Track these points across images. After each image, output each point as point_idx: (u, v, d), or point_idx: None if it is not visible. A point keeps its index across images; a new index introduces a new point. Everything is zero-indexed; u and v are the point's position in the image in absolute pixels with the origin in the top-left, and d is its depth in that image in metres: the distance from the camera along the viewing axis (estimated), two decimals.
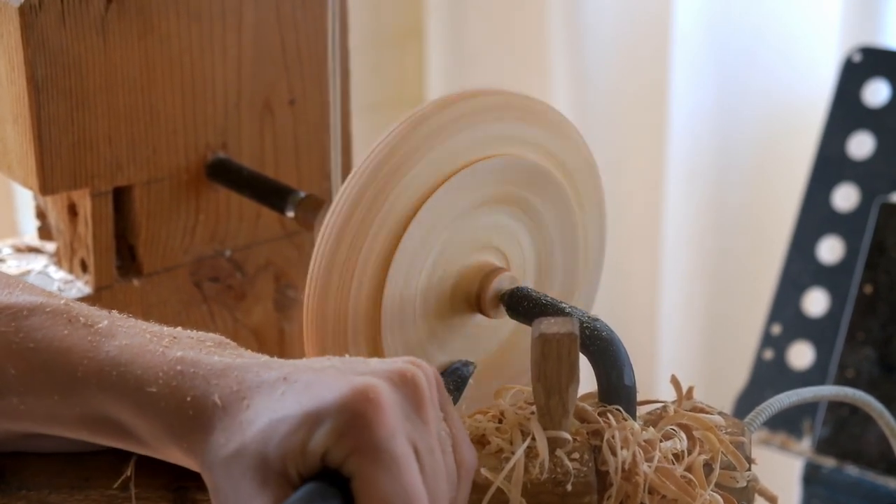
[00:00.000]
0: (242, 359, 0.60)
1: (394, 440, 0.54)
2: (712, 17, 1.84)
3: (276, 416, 0.55)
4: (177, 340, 0.61)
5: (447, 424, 0.60)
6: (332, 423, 0.54)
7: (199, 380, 0.58)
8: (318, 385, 0.56)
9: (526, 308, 0.74)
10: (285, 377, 0.57)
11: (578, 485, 0.64)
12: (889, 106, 1.44)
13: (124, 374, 0.59)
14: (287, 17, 1.02)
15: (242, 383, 0.58)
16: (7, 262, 1.02)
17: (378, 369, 0.57)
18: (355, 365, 0.58)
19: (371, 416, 0.54)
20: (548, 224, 0.80)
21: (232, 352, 0.61)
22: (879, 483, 1.30)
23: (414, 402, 0.57)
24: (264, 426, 0.55)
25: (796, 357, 1.45)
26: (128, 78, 0.93)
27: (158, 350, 0.60)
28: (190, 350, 0.60)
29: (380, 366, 0.58)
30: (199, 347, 0.61)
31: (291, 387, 0.57)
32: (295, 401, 0.55)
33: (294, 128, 1.04)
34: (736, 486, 0.68)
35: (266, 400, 0.56)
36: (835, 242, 1.45)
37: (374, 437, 0.54)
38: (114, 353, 0.60)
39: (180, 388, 0.58)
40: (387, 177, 0.70)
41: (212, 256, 1.03)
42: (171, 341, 0.61)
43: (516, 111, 0.75)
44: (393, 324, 0.73)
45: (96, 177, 0.94)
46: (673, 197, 1.92)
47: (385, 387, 0.56)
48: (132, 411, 0.59)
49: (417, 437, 0.56)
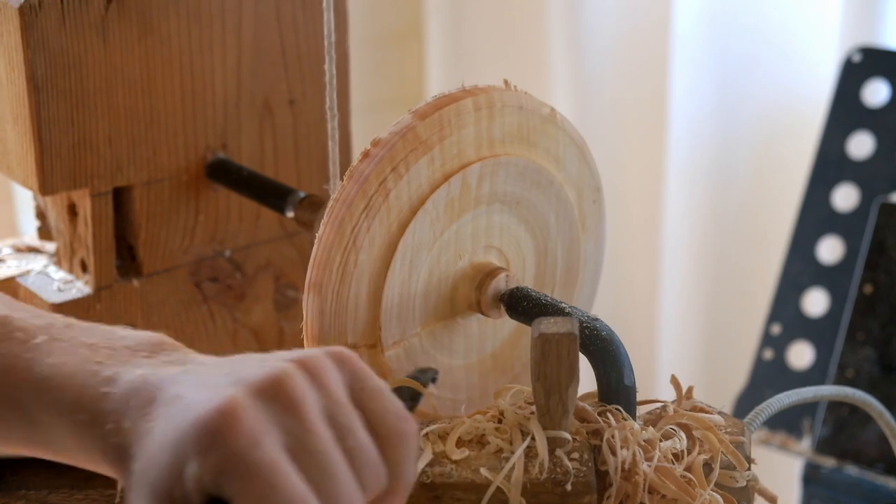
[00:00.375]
0: (165, 368, 0.59)
1: (256, 450, 0.52)
2: (712, 17, 1.84)
3: (161, 444, 0.54)
4: (112, 353, 0.60)
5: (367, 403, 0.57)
6: (195, 449, 0.52)
7: (118, 402, 0.57)
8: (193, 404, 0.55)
9: (526, 308, 0.74)
10: (179, 393, 0.56)
11: (578, 484, 0.64)
12: (889, 106, 1.44)
13: (58, 399, 0.59)
14: (287, 17, 1.02)
15: (151, 403, 0.57)
16: (7, 262, 1.02)
17: (246, 377, 0.55)
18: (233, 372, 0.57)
19: (228, 431, 0.52)
20: (548, 224, 0.80)
21: (164, 357, 0.60)
22: (879, 483, 1.30)
23: (283, 403, 0.54)
24: (154, 454, 0.54)
25: (796, 357, 1.45)
26: (128, 78, 0.93)
27: (91, 369, 0.59)
28: (120, 365, 0.59)
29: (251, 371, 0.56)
30: (131, 360, 0.60)
31: (178, 404, 0.55)
32: (172, 425, 0.54)
33: (294, 128, 1.05)
34: (736, 485, 0.68)
35: (161, 421, 0.55)
36: (835, 242, 1.45)
37: (233, 453, 0.52)
38: (48, 373, 0.60)
39: (103, 413, 0.57)
40: (386, 176, 0.70)
41: (211, 257, 1.03)
42: (106, 355, 0.60)
43: (516, 111, 0.75)
44: (392, 324, 0.73)
45: (96, 177, 0.94)
46: (673, 197, 1.92)
47: (244, 397, 0.54)
48: (69, 436, 0.59)
49: (292, 440, 0.54)
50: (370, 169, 0.70)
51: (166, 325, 1.01)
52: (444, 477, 0.65)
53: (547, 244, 0.80)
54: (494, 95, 0.74)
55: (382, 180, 0.70)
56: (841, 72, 1.46)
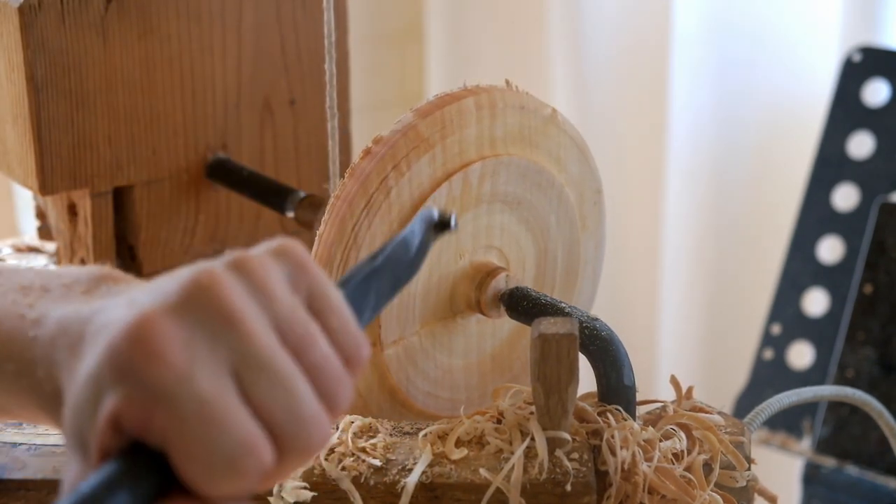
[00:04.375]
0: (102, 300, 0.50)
1: (191, 381, 0.43)
2: (712, 17, 1.84)
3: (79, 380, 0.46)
4: (45, 294, 0.52)
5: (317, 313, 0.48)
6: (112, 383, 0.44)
7: (46, 345, 0.49)
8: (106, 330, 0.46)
9: (525, 308, 0.74)
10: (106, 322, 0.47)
11: (578, 485, 0.64)
12: (889, 106, 1.44)
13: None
14: (287, 17, 1.02)
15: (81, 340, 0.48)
16: (7, 262, 1.02)
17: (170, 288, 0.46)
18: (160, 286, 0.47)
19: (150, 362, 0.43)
20: (548, 225, 0.80)
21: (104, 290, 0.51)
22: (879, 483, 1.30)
23: (214, 312, 0.45)
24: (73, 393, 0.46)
25: (796, 357, 1.45)
26: (128, 78, 0.93)
27: (19, 312, 0.52)
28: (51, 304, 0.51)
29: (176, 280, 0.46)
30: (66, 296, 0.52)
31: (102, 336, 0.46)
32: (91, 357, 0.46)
33: (294, 128, 1.05)
34: (736, 485, 0.68)
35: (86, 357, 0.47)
36: (835, 242, 1.45)
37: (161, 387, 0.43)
38: None
39: (33, 361, 0.50)
40: (388, 174, 0.70)
41: (212, 256, 1.03)
42: (38, 296, 0.52)
43: (518, 111, 0.75)
44: (392, 323, 0.73)
45: (96, 177, 0.94)
46: (673, 197, 1.92)
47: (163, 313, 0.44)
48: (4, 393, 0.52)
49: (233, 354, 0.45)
50: (372, 167, 0.70)
51: None
52: (443, 477, 0.65)
53: (547, 244, 0.80)
54: (496, 95, 0.74)
55: (384, 178, 0.70)
56: (841, 72, 1.46)
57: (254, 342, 0.45)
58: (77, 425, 0.45)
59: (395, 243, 0.55)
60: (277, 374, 0.45)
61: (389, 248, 0.55)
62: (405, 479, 0.65)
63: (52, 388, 0.49)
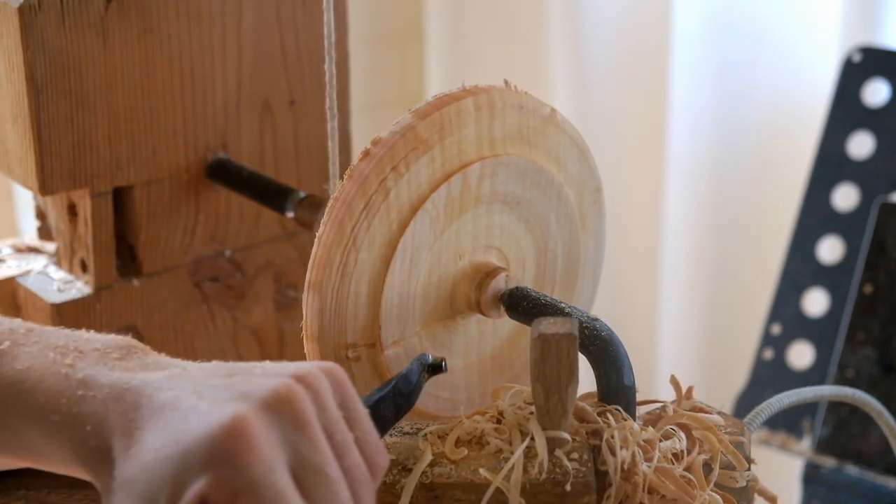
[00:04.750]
0: (145, 372, 0.59)
1: (272, 474, 0.53)
2: (712, 17, 1.84)
3: (158, 454, 0.54)
4: (82, 355, 0.60)
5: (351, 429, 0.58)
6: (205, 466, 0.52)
7: (97, 406, 0.57)
8: (194, 416, 0.54)
9: (525, 308, 0.74)
10: (172, 402, 0.56)
11: (577, 485, 0.64)
12: (889, 106, 1.44)
13: (29, 404, 0.58)
14: (287, 17, 1.02)
15: (137, 410, 0.56)
16: (7, 262, 1.02)
17: (253, 391, 0.55)
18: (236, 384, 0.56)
19: (243, 455, 0.52)
20: (548, 224, 0.80)
21: (138, 361, 0.60)
22: (879, 483, 1.30)
23: (291, 421, 0.55)
24: (147, 463, 0.54)
25: (796, 357, 1.45)
26: (128, 78, 0.93)
27: (61, 371, 0.59)
28: (92, 367, 0.59)
29: (257, 385, 0.56)
30: (104, 361, 0.60)
31: (174, 416, 0.55)
32: (173, 437, 0.54)
33: (294, 128, 1.05)
34: (735, 485, 0.68)
35: (152, 431, 0.55)
36: (835, 242, 1.45)
37: (249, 477, 0.52)
38: (17, 378, 0.59)
39: (80, 416, 0.57)
40: (386, 175, 0.70)
41: (212, 256, 1.03)
42: (75, 357, 0.60)
43: (517, 111, 0.75)
44: (392, 323, 0.73)
45: (96, 177, 0.94)
46: (673, 197, 1.92)
47: (256, 415, 0.54)
48: (40, 439, 0.58)
49: (299, 459, 0.54)
50: (370, 168, 0.70)
51: (166, 325, 1.01)
52: (443, 477, 0.65)
53: (547, 244, 0.80)
54: (495, 95, 0.74)
55: (383, 179, 0.70)
56: (841, 72, 1.46)
57: (317, 449, 0.55)
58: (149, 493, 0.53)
59: (399, 378, 0.66)
60: (329, 478, 0.55)
61: (394, 381, 0.66)
62: (405, 479, 0.65)
63: (97, 443, 0.56)
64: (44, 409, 0.58)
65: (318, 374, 0.58)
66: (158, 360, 0.60)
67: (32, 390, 0.58)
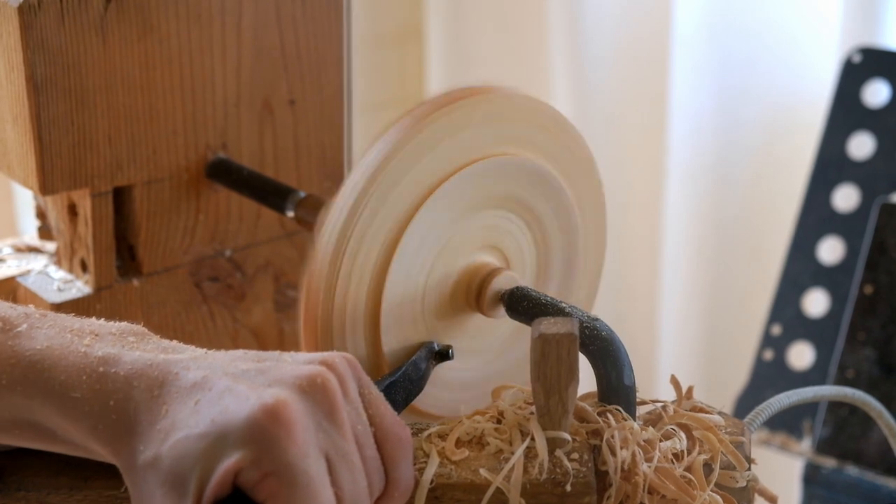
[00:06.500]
0: (165, 354, 0.59)
1: (307, 459, 0.54)
2: (712, 18, 1.84)
3: (192, 431, 0.55)
4: (98, 337, 0.61)
5: (367, 408, 0.60)
6: (242, 445, 0.54)
7: (120, 381, 0.58)
8: (231, 398, 0.55)
9: (526, 308, 0.74)
10: (203, 381, 0.57)
11: (578, 485, 0.64)
12: (889, 106, 1.44)
13: (48, 380, 0.59)
14: (287, 17, 1.02)
15: (163, 386, 0.57)
16: (7, 262, 1.02)
17: (288, 377, 0.57)
18: (269, 369, 0.58)
19: (282, 438, 0.54)
20: (548, 224, 0.80)
21: (154, 345, 0.61)
22: (879, 483, 1.30)
23: (325, 408, 0.57)
24: (179, 440, 0.55)
25: (796, 357, 1.45)
26: (128, 78, 0.93)
27: (80, 350, 0.60)
28: (111, 347, 0.60)
29: (291, 371, 0.57)
30: (121, 343, 0.60)
31: (206, 396, 0.56)
32: (208, 416, 0.55)
33: (294, 128, 1.04)
34: (736, 486, 0.68)
35: (182, 408, 0.56)
36: (835, 243, 1.45)
37: (285, 459, 0.54)
38: (36, 357, 0.60)
39: (103, 392, 0.58)
40: (387, 177, 0.70)
41: (212, 256, 1.03)
42: (92, 339, 0.61)
43: (516, 110, 0.75)
44: (392, 324, 0.73)
45: (96, 177, 0.94)
46: (673, 197, 1.92)
47: (295, 400, 0.55)
48: (58, 416, 0.59)
49: (330, 444, 0.56)
50: (371, 167, 0.70)
51: (166, 325, 1.01)
52: (443, 477, 0.65)
53: (547, 244, 0.80)
54: (495, 95, 0.74)
55: (384, 180, 0.70)
56: (841, 72, 1.46)
57: (346, 436, 0.57)
58: (180, 468, 0.54)
59: (409, 364, 0.70)
60: (355, 465, 0.57)
61: (404, 367, 0.69)
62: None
63: (119, 418, 0.57)
64: (64, 386, 0.58)
65: (342, 363, 0.59)
66: (174, 345, 0.61)
67: (53, 367, 0.59)
